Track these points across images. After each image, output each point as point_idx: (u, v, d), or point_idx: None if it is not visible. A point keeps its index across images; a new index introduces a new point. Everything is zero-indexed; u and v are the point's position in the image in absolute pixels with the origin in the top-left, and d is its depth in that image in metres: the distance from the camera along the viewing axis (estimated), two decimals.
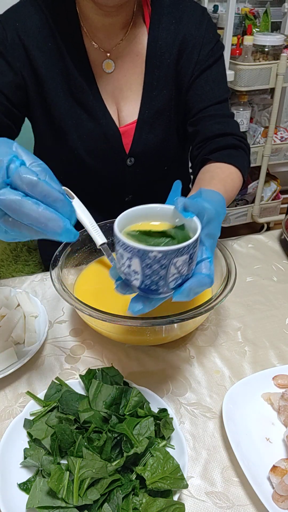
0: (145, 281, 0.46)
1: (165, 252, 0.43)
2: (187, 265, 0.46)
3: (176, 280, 0.46)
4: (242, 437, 0.56)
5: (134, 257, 0.44)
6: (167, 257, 0.43)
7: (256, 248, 0.96)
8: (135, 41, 0.84)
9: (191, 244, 0.44)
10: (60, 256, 0.72)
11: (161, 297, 0.49)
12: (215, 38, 0.87)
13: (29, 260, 1.22)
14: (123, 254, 0.46)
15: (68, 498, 0.46)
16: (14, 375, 0.65)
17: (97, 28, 0.81)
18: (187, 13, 0.84)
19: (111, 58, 0.84)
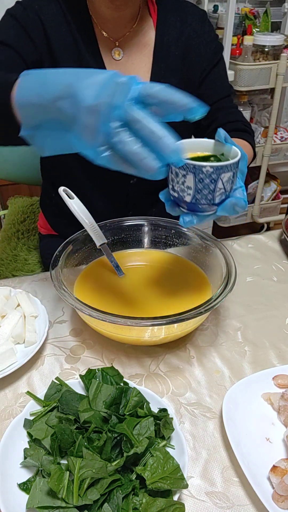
0: (196, 196, 0.55)
1: (216, 167, 0.53)
2: (230, 182, 0.55)
3: (221, 196, 0.56)
4: (242, 437, 0.56)
5: (189, 173, 0.53)
6: (217, 171, 0.53)
7: (256, 248, 0.96)
8: (142, 33, 0.90)
9: (235, 163, 0.54)
10: (60, 256, 0.72)
11: (207, 214, 0.58)
12: (216, 37, 0.96)
13: (29, 259, 1.22)
14: (178, 172, 0.54)
15: (68, 498, 0.46)
16: (14, 375, 0.65)
17: (107, 20, 0.86)
18: (190, 13, 0.92)
19: (120, 46, 0.89)
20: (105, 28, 0.87)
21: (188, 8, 0.93)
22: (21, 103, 0.53)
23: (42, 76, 0.53)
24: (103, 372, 0.60)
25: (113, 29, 0.87)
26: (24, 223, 1.35)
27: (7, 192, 2.07)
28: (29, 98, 0.52)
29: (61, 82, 0.50)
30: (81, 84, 0.48)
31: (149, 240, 0.86)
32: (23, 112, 0.53)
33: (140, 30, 0.89)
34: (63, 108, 0.49)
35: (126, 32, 0.88)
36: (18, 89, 0.54)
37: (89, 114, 0.47)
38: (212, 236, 0.79)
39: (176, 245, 0.85)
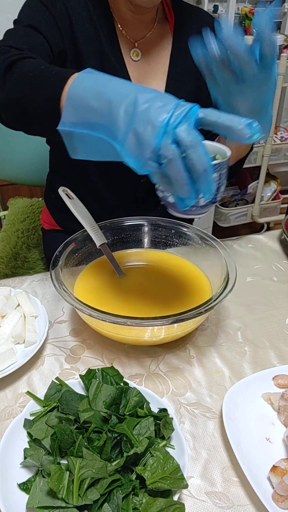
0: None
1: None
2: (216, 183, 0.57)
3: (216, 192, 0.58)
4: (242, 437, 0.56)
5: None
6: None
7: (256, 248, 0.96)
8: (160, 36, 0.92)
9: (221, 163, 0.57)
10: (60, 256, 0.72)
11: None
12: None
13: (29, 257, 1.23)
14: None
15: (68, 498, 0.46)
16: (14, 375, 0.65)
17: (127, 21, 0.87)
18: (205, 21, 0.94)
19: (139, 47, 0.90)
20: (125, 28, 0.88)
21: (202, 15, 0.95)
22: (73, 98, 0.53)
23: (103, 78, 0.53)
24: (103, 372, 0.60)
25: (133, 30, 0.88)
26: (24, 222, 1.36)
27: (7, 193, 2.07)
28: (84, 96, 0.52)
29: (123, 89, 0.50)
30: (145, 96, 0.48)
31: (149, 240, 0.86)
32: (71, 108, 0.53)
33: (158, 34, 0.91)
34: (118, 113, 0.49)
35: (145, 34, 0.89)
36: (74, 84, 0.54)
37: (147, 125, 0.47)
38: (212, 236, 0.79)
39: (176, 245, 0.85)
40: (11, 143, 1.35)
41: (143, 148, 0.48)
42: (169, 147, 0.47)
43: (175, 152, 0.47)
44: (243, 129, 0.49)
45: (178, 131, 0.47)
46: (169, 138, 0.47)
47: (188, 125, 0.47)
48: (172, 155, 0.47)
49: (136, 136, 0.48)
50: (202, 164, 0.48)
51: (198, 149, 0.47)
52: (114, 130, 0.50)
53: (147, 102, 0.48)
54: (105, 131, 0.51)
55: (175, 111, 0.47)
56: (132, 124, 0.48)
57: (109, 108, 0.50)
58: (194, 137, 0.47)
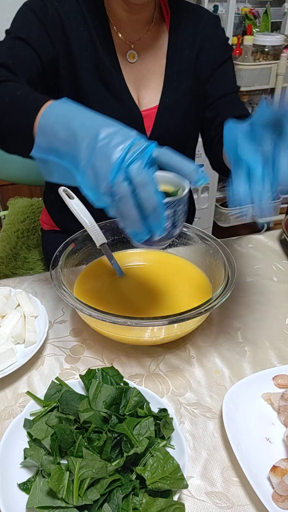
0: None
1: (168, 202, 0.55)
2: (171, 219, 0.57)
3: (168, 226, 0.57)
4: (242, 437, 0.56)
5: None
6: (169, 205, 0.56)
7: (256, 248, 0.96)
8: (157, 37, 0.91)
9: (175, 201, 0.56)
10: (60, 256, 0.72)
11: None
12: (227, 40, 0.98)
13: (29, 257, 1.23)
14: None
15: (68, 498, 0.46)
16: (14, 375, 0.65)
17: (123, 22, 0.87)
18: (204, 18, 0.93)
19: (135, 49, 0.90)
20: (121, 30, 0.87)
21: (201, 13, 0.94)
22: (43, 127, 0.55)
23: (73, 109, 0.55)
24: (103, 372, 0.60)
25: (129, 32, 0.88)
26: (24, 222, 1.36)
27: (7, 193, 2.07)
28: (54, 126, 0.54)
29: (89, 122, 0.52)
30: (106, 130, 0.50)
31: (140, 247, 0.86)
32: (42, 136, 0.55)
33: (155, 34, 0.91)
34: (81, 146, 0.51)
35: (141, 35, 0.89)
36: (46, 113, 0.56)
37: (103, 161, 0.49)
38: (212, 236, 0.79)
39: (176, 245, 0.85)
40: None
41: (99, 183, 0.49)
42: (122, 184, 0.48)
43: (127, 189, 0.48)
44: (190, 173, 0.51)
45: (130, 169, 0.48)
46: (122, 175, 0.48)
47: (140, 164, 0.48)
48: (123, 192, 0.48)
49: (94, 170, 0.50)
50: (151, 202, 0.49)
51: (147, 188, 0.48)
52: (77, 161, 0.52)
53: (107, 138, 0.49)
54: (70, 161, 0.53)
55: (130, 148, 0.49)
56: (91, 158, 0.50)
57: (74, 140, 0.51)
58: (145, 176, 0.48)
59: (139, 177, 0.48)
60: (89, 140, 0.50)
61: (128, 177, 0.48)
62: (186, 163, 0.52)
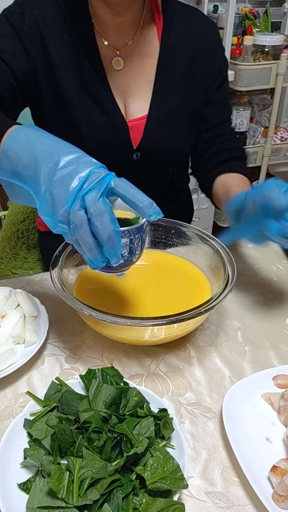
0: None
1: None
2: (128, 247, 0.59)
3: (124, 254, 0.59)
4: (242, 437, 0.56)
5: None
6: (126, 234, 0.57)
7: (256, 248, 0.96)
8: (145, 42, 0.87)
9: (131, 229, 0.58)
10: (60, 256, 0.72)
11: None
12: (223, 51, 0.96)
13: (28, 257, 1.23)
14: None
15: (68, 498, 0.46)
16: (14, 375, 0.65)
17: (108, 27, 0.83)
18: (199, 25, 0.90)
19: (121, 56, 0.86)
20: (106, 36, 0.84)
21: (197, 19, 0.90)
22: (7, 151, 0.56)
23: (36, 135, 0.56)
24: (103, 372, 0.60)
25: (114, 37, 0.84)
26: (24, 222, 1.36)
27: None
28: (17, 151, 0.55)
29: (50, 149, 0.53)
30: (66, 158, 0.51)
31: (149, 240, 0.86)
32: (6, 160, 0.56)
33: (143, 39, 0.86)
34: (41, 172, 0.52)
35: (128, 41, 0.85)
36: (9, 139, 0.57)
37: (61, 189, 0.50)
38: (212, 236, 0.79)
39: (176, 245, 0.85)
40: None
41: (57, 210, 0.51)
42: (77, 213, 0.50)
43: (82, 218, 0.50)
44: (144, 208, 0.52)
45: (86, 198, 0.49)
46: (78, 204, 0.49)
47: (96, 193, 0.49)
48: (78, 221, 0.50)
49: (52, 197, 0.51)
50: (106, 231, 0.50)
51: (102, 218, 0.50)
52: (37, 187, 0.53)
53: (67, 166, 0.51)
54: (31, 186, 0.54)
55: (88, 177, 0.50)
56: (50, 185, 0.51)
57: (35, 165, 0.53)
58: (100, 205, 0.49)
59: (94, 207, 0.49)
60: (49, 168, 0.51)
61: (84, 206, 0.49)
62: (140, 197, 0.52)
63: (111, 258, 0.53)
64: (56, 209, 0.51)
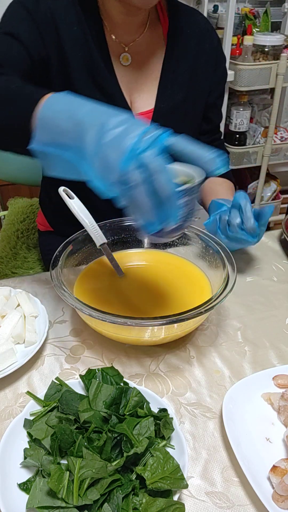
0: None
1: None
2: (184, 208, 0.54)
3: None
4: (242, 437, 0.56)
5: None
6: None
7: (256, 248, 0.96)
8: (152, 40, 0.89)
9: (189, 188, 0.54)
10: (60, 256, 0.72)
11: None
12: (224, 59, 1.00)
13: (28, 257, 1.23)
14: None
15: (68, 498, 0.46)
16: (14, 375, 0.65)
17: (117, 24, 0.85)
18: (202, 28, 0.92)
19: (129, 52, 0.88)
20: (115, 32, 0.86)
21: (200, 23, 0.93)
22: (44, 119, 0.53)
23: (76, 101, 0.53)
24: (103, 372, 0.60)
25: (123, 34, 0.86)
26: (24, 222, 1.36)
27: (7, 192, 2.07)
28: (55, 117, 0.52)
29: (95, 112, 0.50)
30: (115, 119, 0.48)
31: (149, 240, 0.86)
32: (42, 128, 0.53)
33: (150, 37, 0.89)
34: (87, 136, 0.49)
35: (135, 38, 0.87)
36: (47, 105, 0.54)
37: (114, 150, 0.47)
38: (212, 236, 0.79)
39: (176, 245, 0.85)
40: None
41: (109, 172, 0.48)
42: (134, 173, 0.47)
43: (140, 177, 0.47)
44: (209, 161, 0.50)
45: (143, 156, 0.47)
46: (135, 164, 0.46)
47: (154, 151, 0.47)
48: (136, 181, 0.47)
49: (103, 160, 0.48)
50: (165, 190, 0.47)
51: (162, 176, 0.47)
52: (83, 152, 0.50)
53: (117, 126, 0.48)
54: (74, 152, 0.51)
55: (143, 136, 0.47)
56: (100, 148, 0.48)
57: (79, 130, 0.50)
58: (159, 163, 0.47)
59: (153, 164, 0.46)
60: (97, 130, 0.48)
61: (141, 165, 0.47)
62: (204, 151, 0.50)
63: (170, 219, 0.50)
64: (109, 171, 0.48)
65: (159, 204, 0.48)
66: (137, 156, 0.46)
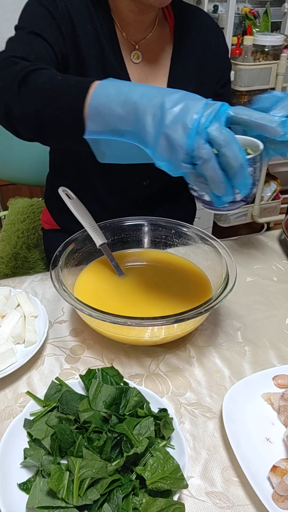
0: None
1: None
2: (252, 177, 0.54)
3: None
4: (242, 437, 0.56)
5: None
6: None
7: (256, 248, 0.96)
8: (160, 38, 0.90)
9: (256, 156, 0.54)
10: (60, 256, 0.72)
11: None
12: (228, 52, 0.99)
13: (29, 257, 1.23)
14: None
15: (68, 498, 0.46)
16: (14, 375, 0.65)
17: (128, 23, 0.85)
18: (207, 25, 0.93)
19: (139, 49, 0.88)
20: (126, 31, 0.86)
21: (202, 16, 0.94)
22: (97, 107, 0.53)
23: (126, 85, 0.53)
24: (103, 372, 0.60)
25: (133, 32, 0.87)
26: (24, 222, 1.36)
27: (8, 192, 2.07)
28: (109, 104, 0.52)
29: (148, 94, 0.50)
30: (171, 98, 0.49)
31: (149, 240, 0.86)
32: (96, 117, 0.53)
33: (158, 36, 0.90)
34: (146, 118, 0.49)
35: (145, 36, 0.88)
36: (97, 93, 0.54)
37: (177, 128, 0.47)
38: (212, 236, 0.79)
39: (176, 245, 0.85)
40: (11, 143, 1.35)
41: (176, 151, 0.48)
42: (203, 147, 0.47)
43: (210, 151, 0.47)
44: (276, 127, 0.49)
45: (210, 130, 0.47)
46: (202, 138, 0.47)
47: (220, 124, 0.47)
48: (206, 155, 0.47)
49: (167, 139, 0.48)
50: (237, 160, 0.48)
51: (232, 146, 0.47)
52: (143, 135, 0.50)
53: (175, 105, 0.48)
54: (133, 136, 0.51)
55: (204, 110, 0.47)
56: (162, 128, 0.48)
57: (136, 114, 0.50)
58: (227, 135, 0.47)
59: (222, 137, 0.47)
60: (155, 111, 0.49)
61: (210, 139, 0.47)
62: (270, 117, 0.50)
63: (242, 188, 0.50)
64: (176, 150, 0.48)
65: (231, 175, 0.49)
66: (203, 131, 0.47)
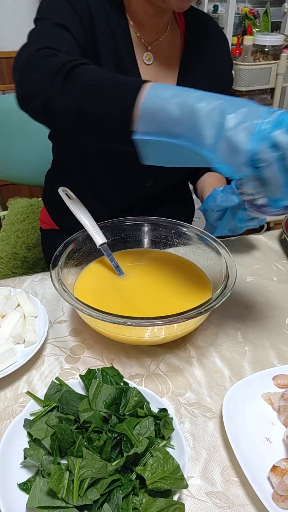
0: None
1: None
2: None
3: None
4: (242, 437, 0.56)
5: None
6: None
7: (256, 248, 0.96)
8: (171, 42, 0.91)
9: None
10: (60, 256, 0.72)
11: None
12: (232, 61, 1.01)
13: (28, 257, 1.23)
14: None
15: (68, 498, 0.46)
16: (14, 375, 0.65)
17: (142, 24, 0.86)
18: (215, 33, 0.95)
19: (151, 51, 0.89)
20: (140, 32, 0.87)
21: (212, 27, 0.95)
22: (149, 109, 0.53)
23: (179, 89, 0.54)
24: (103, 372, 0.60)
25: (147, 33, 0.87)
26: (24, 222, 1.36)
27: (7, 192, 2.07)
28: (163, 106, 0.52)
29: (205, 98, 0.51)
30: (231, 104, 0.50)
31: (149, 240, 0.86)
32: (148, 118, 0.53)
33: (170, 39, 0.91)
34: (205, 122, 0.50)
35: (158, 38, 0.89)
36: (151, 94, 0.54)
37: (240, 132, 0.49)
38: (212, 236, 0.79)
39: (176, 245, 0.85)
40: (11, 143, 1.35)
41: (237, 154, 0.49)
42: (267, 151, 0.48)
43: (273, 156, 0.49)
44: None
45: (273, 135, 0.48)
46: (266, 144, 0.48)
47: (283, 130, 0.49)
48: (271, 159, 0.49)
49: (228, 143, 0.49)
50: None
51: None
52: (199, 138, 0.51)
53: (237, 110, 0.49)
54: (188, 139, 0.52)
55: (267, 116, 0.49)
56: (223, 132, 0.49)
57: (193, 117, 0.51)
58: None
59: (285, 142, 0.48)
60: (215, 115, 0.50)
61: (273, 144, 0.48)
62: None
63: None
64: (237, 154, 0.49)
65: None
66: (267, 136, 0.48)
